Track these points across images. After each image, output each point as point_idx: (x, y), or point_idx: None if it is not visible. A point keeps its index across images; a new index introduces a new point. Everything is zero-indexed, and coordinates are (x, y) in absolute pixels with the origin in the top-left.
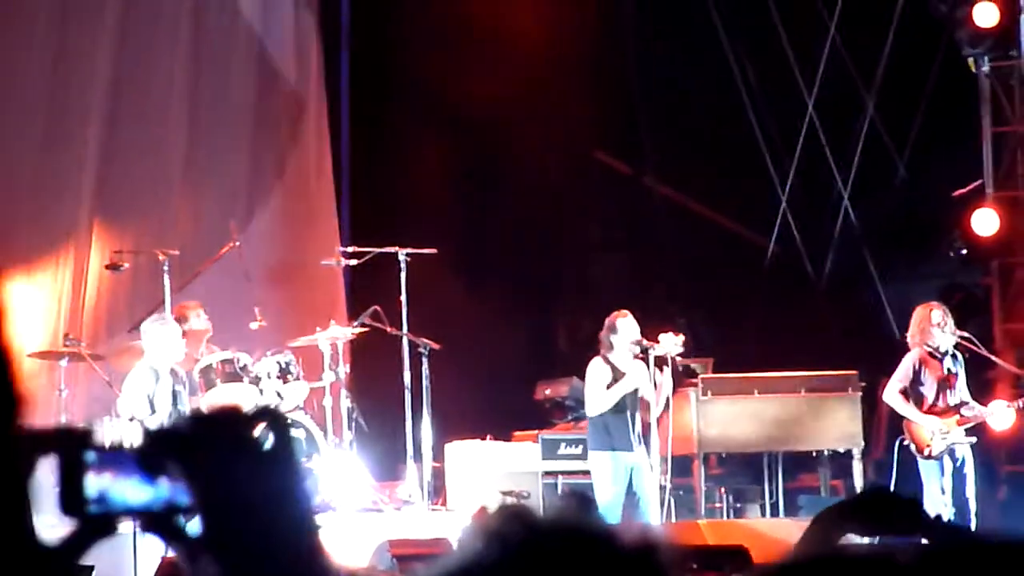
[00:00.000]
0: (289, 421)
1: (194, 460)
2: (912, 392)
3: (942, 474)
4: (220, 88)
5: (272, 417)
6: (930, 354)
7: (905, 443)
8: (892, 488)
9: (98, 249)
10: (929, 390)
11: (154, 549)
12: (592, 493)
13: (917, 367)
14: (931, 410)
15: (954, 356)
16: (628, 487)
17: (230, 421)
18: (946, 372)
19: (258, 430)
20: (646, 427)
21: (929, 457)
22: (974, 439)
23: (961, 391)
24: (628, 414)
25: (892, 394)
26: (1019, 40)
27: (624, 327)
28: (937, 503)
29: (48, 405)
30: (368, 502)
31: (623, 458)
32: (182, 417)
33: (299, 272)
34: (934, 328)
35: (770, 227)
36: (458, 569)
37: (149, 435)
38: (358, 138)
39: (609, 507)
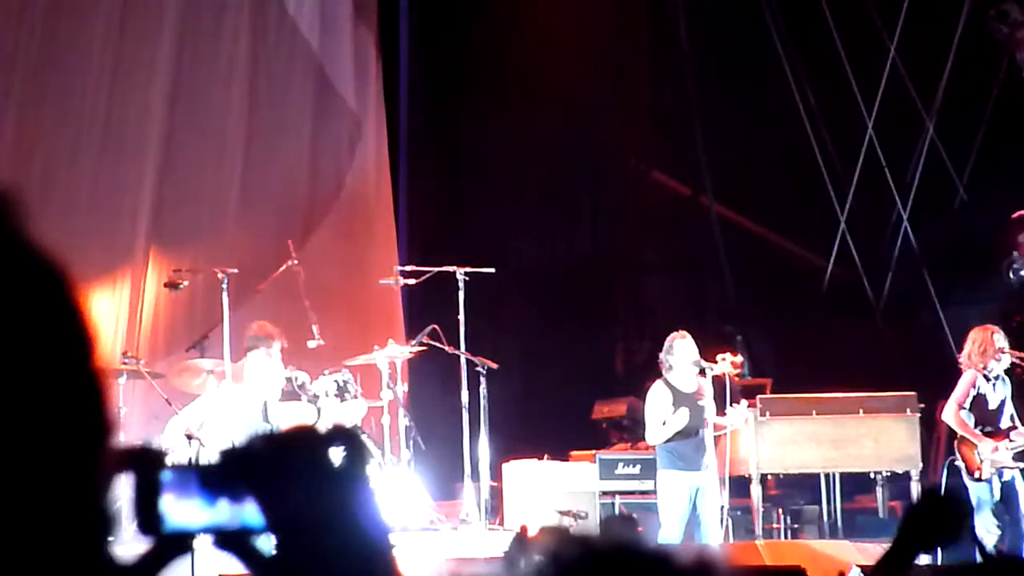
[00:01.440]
0: (364, 441)
1: (268, 480)
2: (966, 414)
3: (992, 497)
4: (278, 106)
5: (347, 437)
6: (984, 377)
7: (956, 463)
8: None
9: (157, 267)
10: (982, 412)
11: (213, 565)
12: (637, 514)
13: (974, 389)
14: (983, 433)
15: (1004, 379)
16: (692, 508)
17: (305, 441)
18: (999, 395)
19: (332, 450)
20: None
21: (979, 480)
22: (1023, 464)
23: (1011, 415)
24: (697, 434)
25: (951, 414)
26: None
27: (681, 348)
28: (988, 525)
29: None
30: (426, 521)
31: (689, 478)
32: (257, 437)
33: (357, 291)
34: (996, 352)
35: (829, 248)
36: None
37: (224, 455)
38: (416, 157)
39: (671, 527)
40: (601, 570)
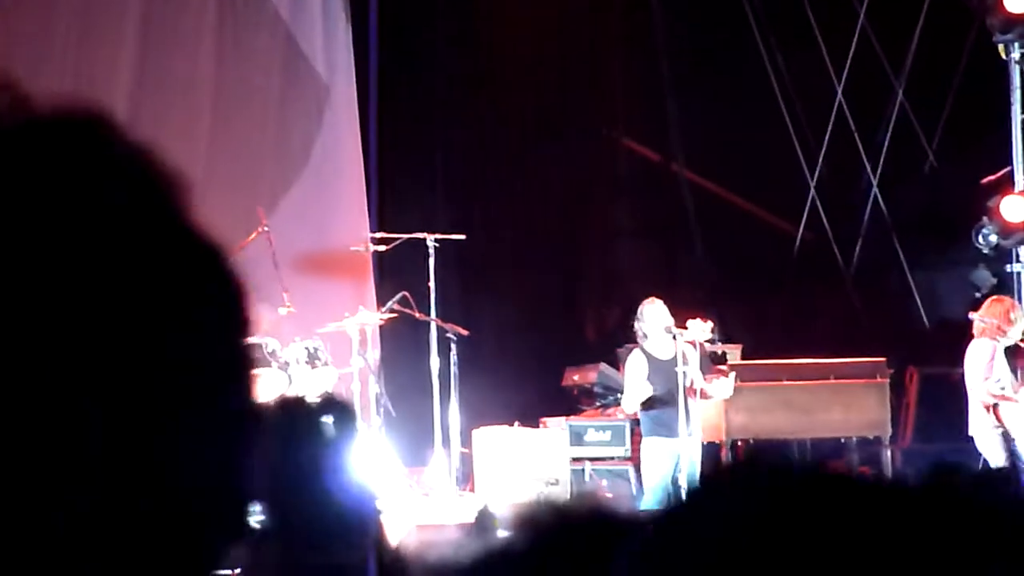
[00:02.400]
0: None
1: (259, 449)
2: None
3: None
4: (245, 72)
5: (337, 407)
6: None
7: (1007, 433)
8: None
9: None
10: (1002, 382)
11: None
12: (607, 480)
13: (991, 363)
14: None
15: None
16: (674, 475)
17: (295, 412)
18: (1010, 364)
19: (321, 421)
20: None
21: None
22: None
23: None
24: (678, 401)
25: (985, 393)
26: None
27: (651, 313)
28: None
29: None
30: (396, 487)
31: (671, 445)
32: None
33: (328, 258)
34: (1015, 325)
35: (799, 215)
36: (487, 555)
37: None
38: (386, 124)
39: (655, 492)
40: (573, 536)
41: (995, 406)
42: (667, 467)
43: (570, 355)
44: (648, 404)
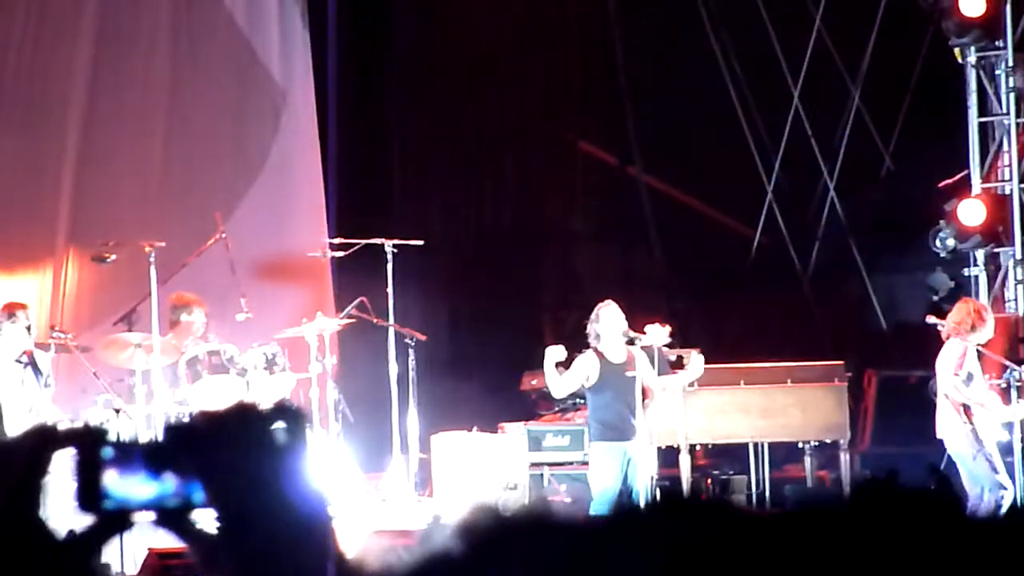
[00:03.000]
0: (304, 417)
1: (210, 457)
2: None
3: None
4: (201, 77)
5: (288, 413)
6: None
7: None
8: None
9: (81, 240)
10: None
11: (140, 540)
12: (566, 484)
13: (962, 360)
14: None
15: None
16: (624, 478)
17: (247, 418)
18: (979, 365)
19: (273, 427)
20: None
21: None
22: None
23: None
24: (627, 404)
25: (952, 387)
26: (1005, 30)
27: (607, 317)
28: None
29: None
30: (354, 493)
31: (619, 448)
32: (200, 414)
33: (286, 264)
34: (985, 323)
35: (756, 218)
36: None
37: (167, 431)
38: (345, 130)
39: (605, 497)
40: (512, 543)
41: (965, 405)
42: (617, 471)
43: (528, 360)
44: (599, 408)
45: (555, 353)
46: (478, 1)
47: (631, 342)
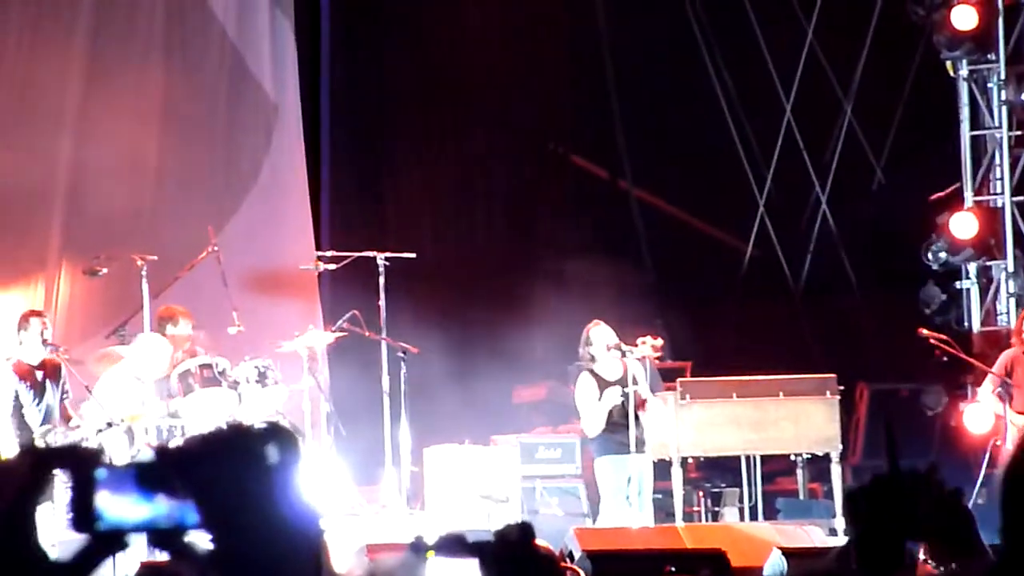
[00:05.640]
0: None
1: (202, 477)
2: (1007, 391)
3: None
4: (194, 91)
5: (279, 434)
6: None
7: (997, 443)
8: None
9: (73, 254)
10: (1021, 390)
11: (133, 553)
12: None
13: (1010, 366)
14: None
15: None
16: (629, 490)
17: (239, 439)
18: None
19: (265, 446)
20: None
21: None
22: None
23: None
24: (627, 418)
25: (985, 392)
26: (997, 43)
27: (596, 336)
28: None
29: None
30: (347, 506)
31: (625, 461)
32: (193, 436)
33: (277, 277)
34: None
35: (748, 231)
36: None
37: (159, 453)
38: (338, 143)
39: (613, 510)
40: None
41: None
42: (622, 484)
43: (520, 373)
44: (604, 424)
45: (615, 396)
46: (469, 18)
47: (623, 355)
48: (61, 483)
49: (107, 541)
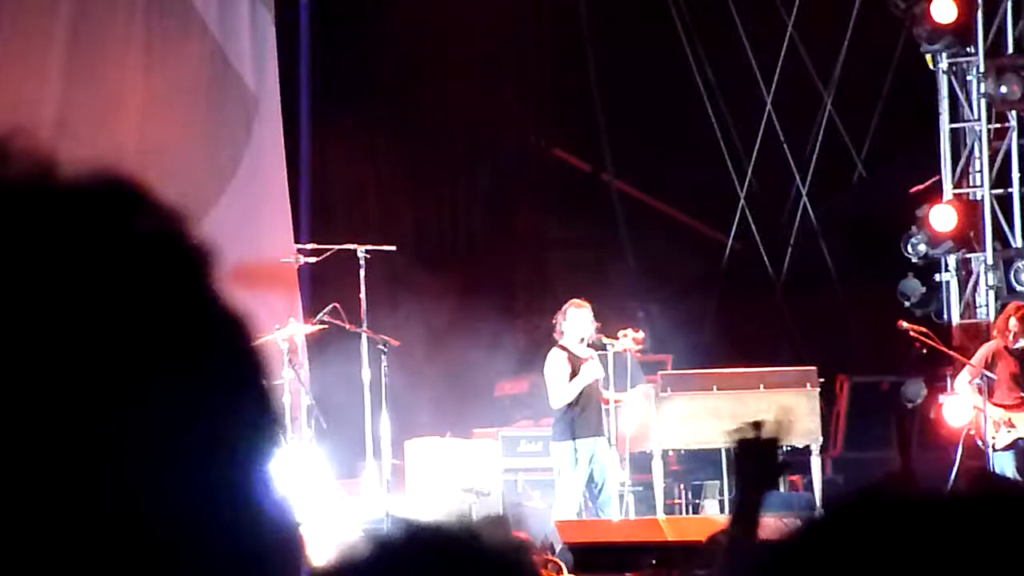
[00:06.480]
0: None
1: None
2: (987, 383)
3: (1015, 466)
4: (174, 84)
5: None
6: (1007, 349)
7: (971, 432)
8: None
9: None
10: (1001, 383)
11: None
12: (539, 490)
13: (991, 359)
14: (1001, 403)
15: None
16: (590, 477)
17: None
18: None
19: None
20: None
21: (995, 449)
22: None
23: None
24: (591, 402)
25: (962, 382)
26: (976, 36)
27: (574, 316)
28: None
29: None
30: (327, 499)
31: (584, 447)
32: None
33: (257, 270)
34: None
35: (729, 224)
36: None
37: None
38: (318, 136)
39: (569, 496)
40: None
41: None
42: (582, 470)
43: (502, 366)
44: (570, 405)
45: (595, 370)
46: (450, 9)
47: (602, 348)
48: None
49: None
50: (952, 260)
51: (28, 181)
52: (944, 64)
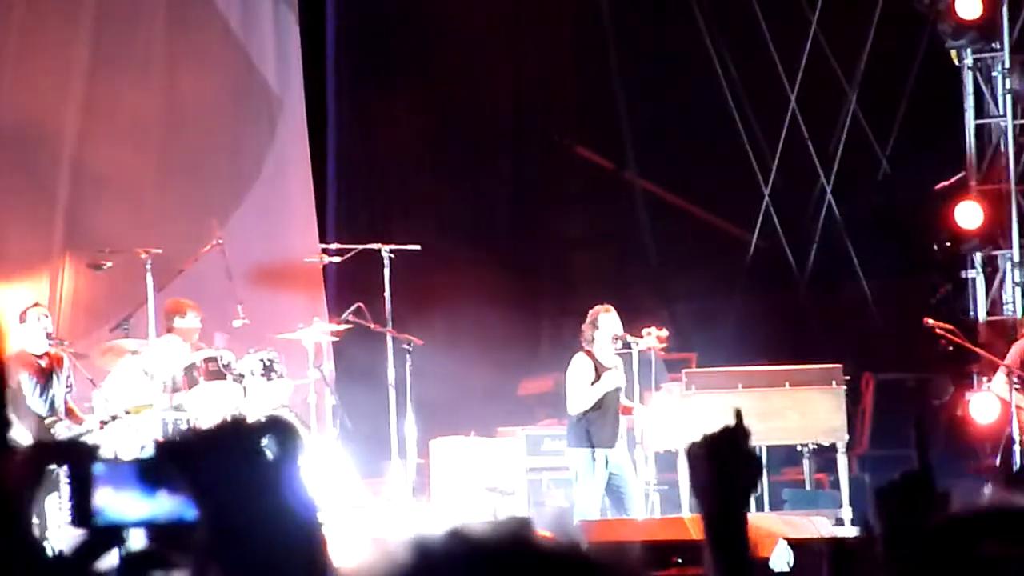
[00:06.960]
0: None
1: (201, 472)
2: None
3: None
4: (197, 83)
5: (278, 427)
6: None
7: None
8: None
9: (77, 247)
10: None
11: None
12: (563, 489)
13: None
14: None
15: None
16: (608, 484)
17: (236, 433)
18: None
19: (264, 440)
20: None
21: None
22: None
23: None
24: (610, 411)
25: (999, 384)
26: (1002, 32)
27: (605, 322)
28: None
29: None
30: (352, 499)
31: (602, 455)
32: (191, 430)
33: (282, 270)
34: None
35: (753, 221)
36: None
37: (158, 447)
38: (343, 134)
39: (588, 501)
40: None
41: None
42: (602, 477)
43: (525, 365)
44: (588, 411)
45: (618, 379)
46: (475, 9)
47: (627, 346)
48: (63, 478)
49: (105, 536)
50: (978, 257)
51: None
52: (969, 60)
